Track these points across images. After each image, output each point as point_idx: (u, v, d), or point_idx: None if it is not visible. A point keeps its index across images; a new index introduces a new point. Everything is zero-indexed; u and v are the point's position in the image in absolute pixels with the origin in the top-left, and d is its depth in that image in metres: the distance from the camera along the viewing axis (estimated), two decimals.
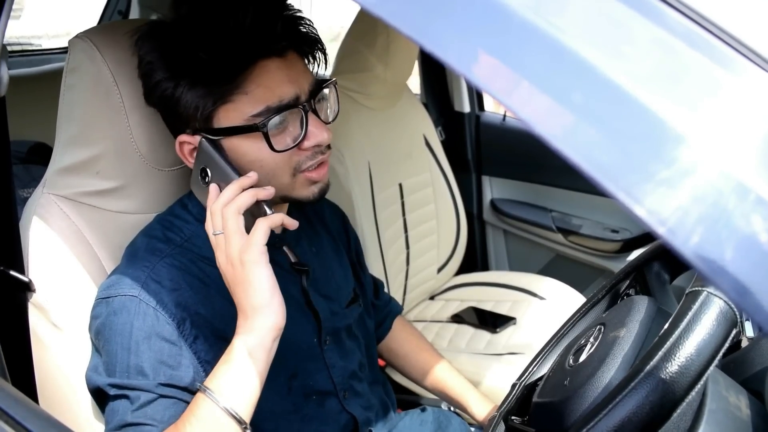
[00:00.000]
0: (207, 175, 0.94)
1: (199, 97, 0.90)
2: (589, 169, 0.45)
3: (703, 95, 0.48)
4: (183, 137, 0.96)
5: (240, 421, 0.85)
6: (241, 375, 0.86)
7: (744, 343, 0.92)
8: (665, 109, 0.46)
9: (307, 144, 0.94)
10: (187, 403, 0.90)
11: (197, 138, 0.94)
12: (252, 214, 0.90)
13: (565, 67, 0.47)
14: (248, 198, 0.88)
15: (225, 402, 0.84)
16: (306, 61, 0.98)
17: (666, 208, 0.45)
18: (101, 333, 0.93)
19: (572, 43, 0.47)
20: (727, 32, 0.48)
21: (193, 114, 0.92)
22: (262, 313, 0.86)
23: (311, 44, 0.97)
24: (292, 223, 0.91)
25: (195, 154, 0.96)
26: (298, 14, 0.96)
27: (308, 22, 0.97)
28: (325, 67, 1.03)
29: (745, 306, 0.46)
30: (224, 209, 0.88)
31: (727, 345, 0.64)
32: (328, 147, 0.99)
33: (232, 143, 0.93)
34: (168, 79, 0.90)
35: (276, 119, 0.91)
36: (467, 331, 1.98)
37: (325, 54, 1.01)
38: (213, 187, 0.92)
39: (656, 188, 0.45)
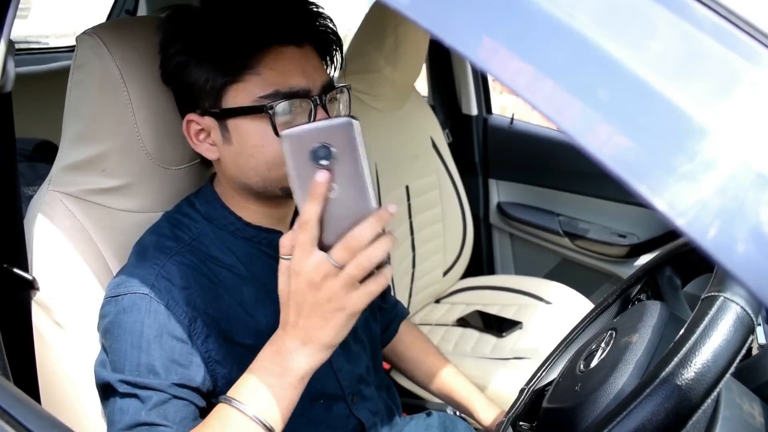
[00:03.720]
0: (329, 154, 0.72)
1: (210, 71, 0.90)
2: (612, 166, 0.44)
3: (727, 88, 0.48)
4: (191, 116, 0.95)
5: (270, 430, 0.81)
6: (283, 396, 0.82)
7: (756, 350, 0.91)
8: (690, 103, 0.45)
9: None
10: (197, 405, 0.89)
11: (206, 119, 0.94)
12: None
13: (589, 61, 0.46)
14: (383, 250, 0.75)
15: (259, 414, 0.80)
16: (323, 61, 0.98)
17: (686, 200, 0.45)
18: (110, 331, 0.91)
19: (595, 37, 0.46)
20: (753, 25, 0.47)
21: (202, 87, 0.91)
22: (329, 350, 0.80)
23: (330, 42, 0.98)
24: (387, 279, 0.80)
25: (203, 136, 0.96)
26: (324, 12, 0.97)
27: (332, 22, 0.98)
28: (341, 69, 1.03)
29: (763, 299, 0.45)
30: (360, 255, 0.74)
31: (743, 352, 0.63)
32: None
33: (237, 124, 0.92)
34: (182, 51, 0.91)
35: (283, 105, 0.90)
36: (473, 335, 1.97)
37: (342, 56, 1.01)
38: (323, 174, 0.72)
39: (678, 181, 0.45)
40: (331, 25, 0.98)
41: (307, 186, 0.72)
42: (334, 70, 1.02)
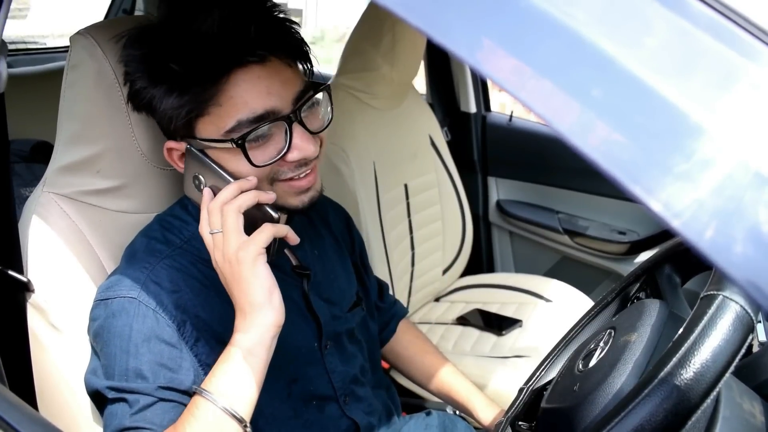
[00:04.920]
0: (201, 181, 0.93)
1: (173, 108, 0.88)
2: (606, 166, 0.43)
3: (725, 86, 0.47)
4: (170, 143, 0.94)
5: (240, 420, 0.84)
6: (240, 374, 0.85)
7: (756, 348, 0.90)
8: (687, 101, 0.44)
9: (290, 157, 0.91)
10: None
11: (183, 144, 0.93)
12: (252, 217, 0.88)
13: (583, 60, 0.45)
14: (250, 198, 0.87)
15: (224, 402, 0.83)
16: (296, 65, 0.93)
17: (682, 201, 0.44)
18: (100, 335, 0.91)
19: (590, 34, 0.45)
20: (751, 21, 0.46)
21: (168, 124, 0.90)
22: (260, 310, 0.85)
23: (293, 49, 0.92)
24: (294, 239, 0.90)
25: (184, 160, 0.94)
26: (280, 15, 0.91)
27: (290, 24, 0.92)
28: (311, 75, 0.97)
29: (761, 300, 0.44)
30: (224, 207, 0.87)
31: (743, 351, 0.63)
32: (317, 157, 0.95)
33: (214, 154, 0.91)
34: (145, 87, 0.89)
35: (255, 133, 0.88)
36: (472, 333, 1.96)
37: (309, 60, 0.96)
38: (207, 191, 0.91)
39: (674, 182, 0.44)
40: (292, 29, 0.92)
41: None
42: (308, 73, 0.97)
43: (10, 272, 0.97)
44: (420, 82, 2.43)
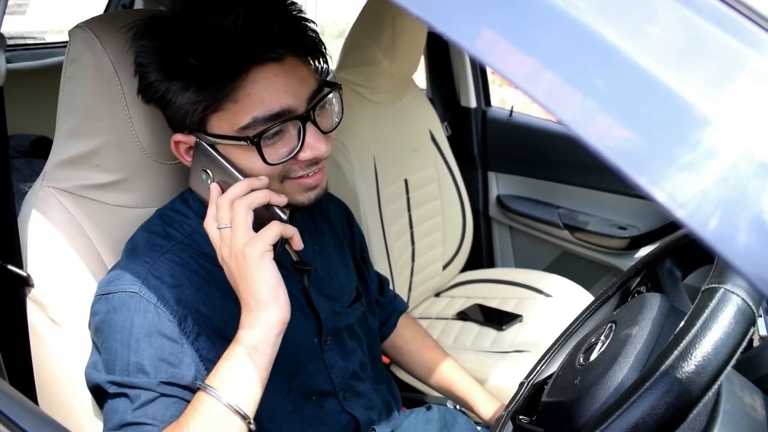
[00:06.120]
0: (208, 176, 0.92)
1: (189, 103, 0.87)
2: (611, 157, 0.43)
3: (729, 76, 0.47)
4: (178, 136, 0.94)
5: (244, 417, 0.84)
6: (245, 370, 0.85)
7: (757, 342, 0.90)
8: (691, 91, 0.44)
9: (303, 156, 0.91)
10: (189, 402, 0.88)
11: (192, 138, 0.92)
12: (260, 216, 0.88)
13: (586, 49, 0.45)
14: (262, 197, 0.87)
15: (228, 398, 0.83)
16: (310, 63, 0.94)
17: (686, 191, 0.44)
18: (101, 330, 0.91)
19: (593, 24, 0.45)
20: (755, 10, 0.46)
21: (182, 119, 0.89)
22: (267, 307, 0.85)
23: (312, 48, 0.93)
24: (299, 244, 0.90)
25: (192, 153, 0.94)
26: (299, 14, 0.92)
27: (309, 24, 0.93)
28: (326, 74, 0.98)
29: (764, 290, 0.44)
30: (235, 203, 0.87)
31: (744, 344, 0.63)
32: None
33: (225, 150, 0.91)
34: (160, 81, 0.88)
35: (269, 132, 0.88)
36: (473, 328, 1.96)
37: (326, 60, 0.97)
38: (215, 186, 0.91)
39: (679, 172, 0.44)
40: (311, 29, 0.93)
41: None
42: (321, 72, 0.97)
43: (10, 267, 0.97)
44: (420, 77, 2.42)
